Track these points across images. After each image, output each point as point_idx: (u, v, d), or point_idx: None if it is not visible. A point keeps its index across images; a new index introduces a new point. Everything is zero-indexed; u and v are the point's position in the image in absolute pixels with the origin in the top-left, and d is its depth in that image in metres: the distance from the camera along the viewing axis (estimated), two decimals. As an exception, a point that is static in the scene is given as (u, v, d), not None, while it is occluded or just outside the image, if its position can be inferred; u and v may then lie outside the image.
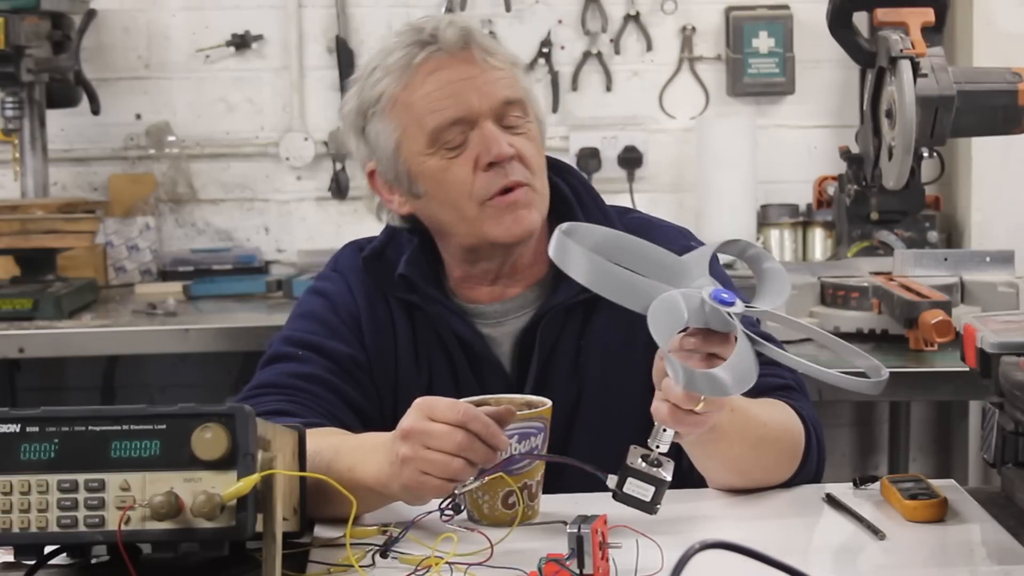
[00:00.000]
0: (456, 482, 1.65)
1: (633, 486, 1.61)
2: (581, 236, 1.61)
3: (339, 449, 1.77)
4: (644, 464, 1.61)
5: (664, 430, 1.62)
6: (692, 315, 1.57)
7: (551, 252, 1.59)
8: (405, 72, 1.93)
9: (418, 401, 1.68)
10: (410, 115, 1.93)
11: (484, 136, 1.92)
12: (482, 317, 2.02)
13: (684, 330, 1.60)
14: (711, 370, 1.55)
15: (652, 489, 1.60)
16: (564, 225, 1.61)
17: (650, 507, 1.60)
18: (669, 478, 1.61)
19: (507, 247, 1.97)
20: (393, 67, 1.93)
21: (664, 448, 1.62)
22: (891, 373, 1.63)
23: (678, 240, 2.05)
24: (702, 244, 2.07)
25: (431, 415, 1.65)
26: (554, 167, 2.06)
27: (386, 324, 2.02)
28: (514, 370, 2.01)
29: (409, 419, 1.66)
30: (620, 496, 1.60)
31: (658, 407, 1.62)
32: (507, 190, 1.93)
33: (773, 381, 1.90)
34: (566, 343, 2.00)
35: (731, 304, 1.58)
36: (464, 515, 1.76)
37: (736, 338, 1.58)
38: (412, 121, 1.93)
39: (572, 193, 2.04)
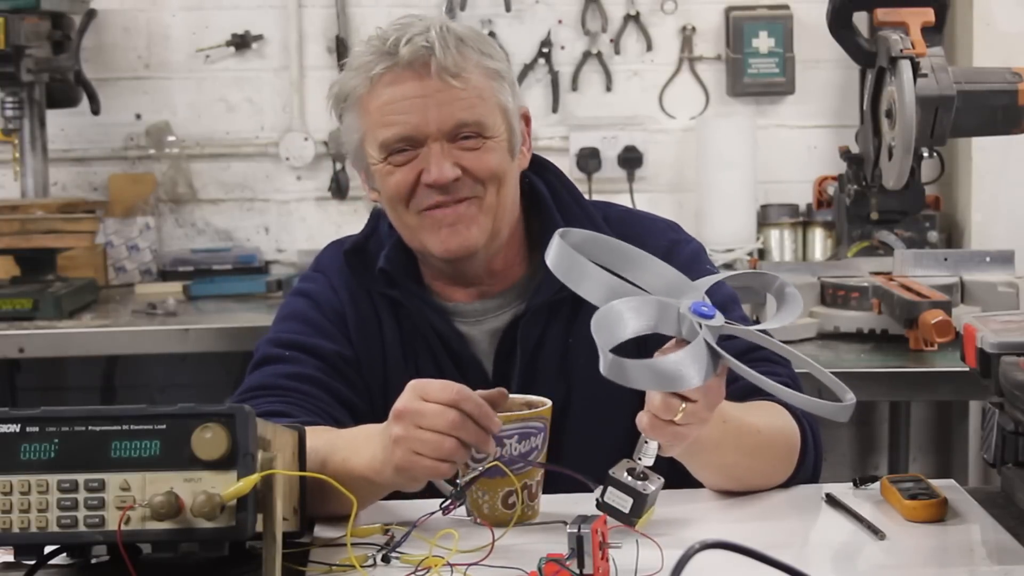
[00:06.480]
0: (448, 463, 1.65)
1: (614, 496, 1.62)
2: (574, 241, 1.59)
3: (334, 443, 1.77)
4: (628, 477, 1.62)
5: (647, 442, 1.62)
6: (665, 323, 1.56)
7: (550, 262, 1.57)
8: (366, 79, 1.94)
9: (412, 382, 1.68)
10: (369, 121, 1.95)
11: (429, 157, 1.92)
12: (460, 315, 2.02)
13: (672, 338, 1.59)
14: (642, 360, 1.53)
15: (630, 501, 1.61)
16: (560, 231, 1.59)
17: (628, 519, 1.61)
18: (651, 491, 1.61)
19: (447, 260, 1.97)
20: (360, 71, 1.95)
21: (648, 461, 1.62)
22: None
23: (666, 234, 2.04)
24: (690, 238, 2.07)
25: (424, 395, 1.65)
26: (531, 164, 2.05)
27: (371, 320, 2.02)
28: (495, 369, 2.00)
29: (403, 400, 1.67)
30: (601, 505, 1.62)
31: (640, 417, 1.62)
32: (444, 205, 1.93)
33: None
34: (553, 341, 1.99)
35: (710, 317, 1.56)
36: (464, 512, 1.75)
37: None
38: (370, 127, 1.95)
39: (548, 190, 2.04)
